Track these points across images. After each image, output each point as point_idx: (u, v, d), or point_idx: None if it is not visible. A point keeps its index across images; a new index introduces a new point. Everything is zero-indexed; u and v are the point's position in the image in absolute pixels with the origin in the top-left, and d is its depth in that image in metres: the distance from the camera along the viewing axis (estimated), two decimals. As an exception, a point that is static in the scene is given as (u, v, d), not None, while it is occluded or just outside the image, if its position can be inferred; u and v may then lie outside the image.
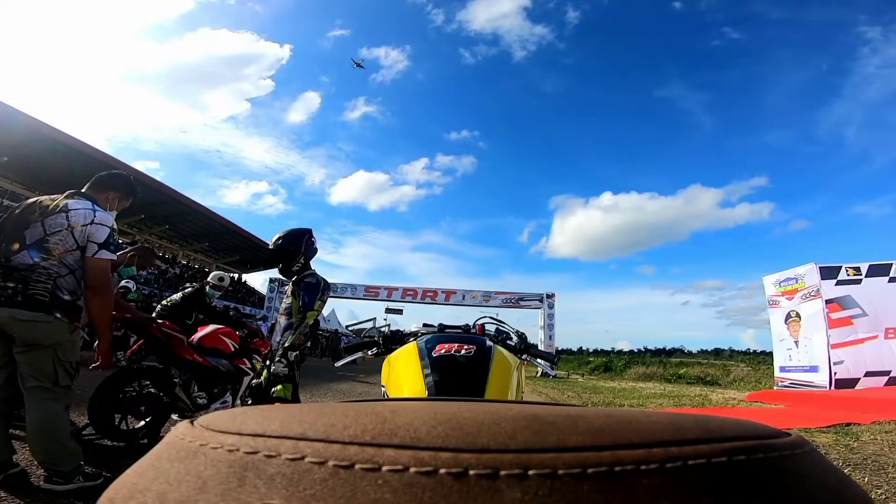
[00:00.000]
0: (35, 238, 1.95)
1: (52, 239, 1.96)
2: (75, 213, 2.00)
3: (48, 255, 1.94)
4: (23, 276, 1.90)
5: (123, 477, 0.21)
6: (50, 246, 1.95)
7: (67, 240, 1.97)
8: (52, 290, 1.93)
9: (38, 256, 1.93)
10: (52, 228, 1.97)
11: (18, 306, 1.88)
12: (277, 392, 2.44)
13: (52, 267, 1.94)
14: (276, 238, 2.67)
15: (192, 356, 3.07)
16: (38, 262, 1.93)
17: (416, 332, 1.25)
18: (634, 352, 77.03)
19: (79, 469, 1.97)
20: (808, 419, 5.17)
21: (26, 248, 1.94)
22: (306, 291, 2.54)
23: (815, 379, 9.53)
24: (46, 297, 1.92)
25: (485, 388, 0.88)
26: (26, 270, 1.91)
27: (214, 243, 25.13)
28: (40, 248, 1.94)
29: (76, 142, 14.56)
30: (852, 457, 3.27)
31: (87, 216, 2.02)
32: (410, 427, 0.20)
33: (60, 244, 1.96)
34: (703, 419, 0.21)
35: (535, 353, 1.30)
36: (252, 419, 0.22)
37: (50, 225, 1.97)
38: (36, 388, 1.90)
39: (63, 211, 2.00)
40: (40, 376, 1.91)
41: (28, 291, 1.90)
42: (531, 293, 22.95)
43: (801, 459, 0.20)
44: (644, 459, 0.18)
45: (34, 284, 1.91)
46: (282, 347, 2.45)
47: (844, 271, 9.74)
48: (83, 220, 2.00)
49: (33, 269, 1.92)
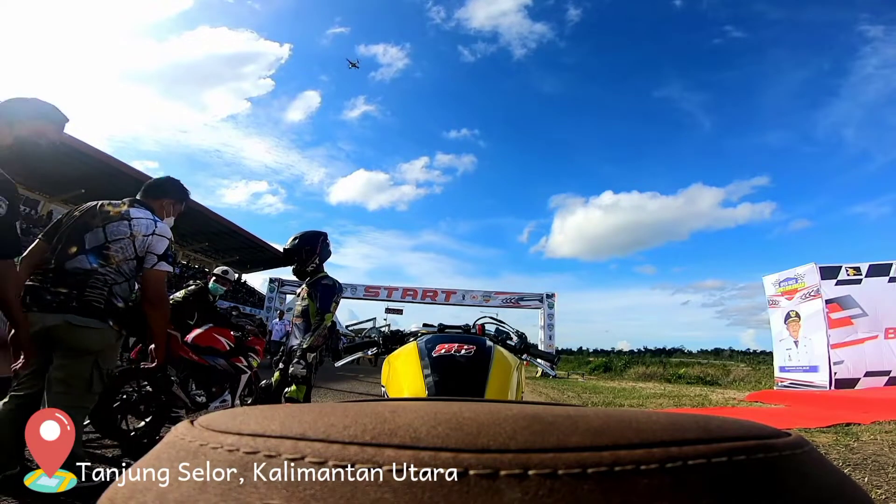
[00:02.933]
0: (95, 244, 1.93)
1: (114, 246, 1.95)
2: (138, 223, 2.01)
3: (106, 262, 1.93)
4: (78, 282, 1.87)
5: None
6: (110, 253, 1.94)
7: (128, 248, 1.97)
8: (107, 296, 1.91)
9: (97, 262, 1.91)
10: (114, 236, 1.96)
11: (73, 311, 1.84)
12: (290, 393, 2.43)
13: (108, 274, 1.92)
14: (293, 239, 2.69)
15: (189, 354, 3.08)
16: (95, 267, 1.91)
17: (416, 332, 1.25)
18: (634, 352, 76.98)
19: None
20: (808, 419, 5.17)
21: (84, 252, 1.92)
22: (323, 293, 2.55)
23: (815, 379, 9.53)
24: (102, 303, 1.89)
25: (485, 388, 0.87)
26: (82, 275, 1.88)
27: (214, 243, 25.13)
28: (99, 255, 1.93)
29: (76, 141, 14.55)
30: (852, 457, 3.27)
31: (148, 226, 2.02)
32: (410, 427, 0.20)
33: (120, 252, 1.95)
34: (703, 419, 0.21)
35: (535, 353, 1.30)
36: (252, 419, 0.22)
37: (112, 232, 1.96)
38: (63, 395, 1.85)
39: (125, 219, 2.00)
40: (74, 381, 1.87)
41: (84, 297, 1.86)
42: (531, 293, 22.95)
43: (801, 459, 0.20)
44: (644, 459, 0.18)
45: (90, 290, 1.88)
46: (300, 349, 2.45)
47: (844, 271, 9.74)
48: (145, 231, 2.01)
49: (90, 274, 1.89)
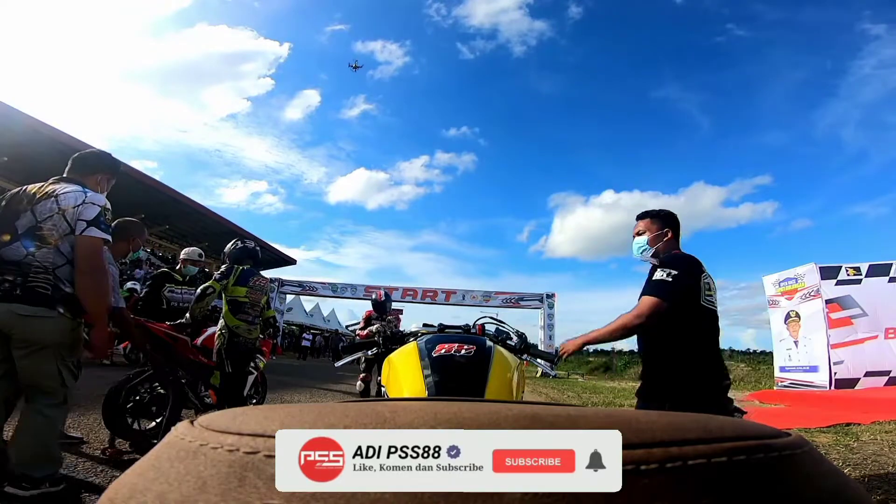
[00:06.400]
0: (26, 227, 1.83)
1: (45, 225, 1.83)
2: (65, 197, 1.89)
3: (43, 242, 1.82)
4: (19, 269, 1.77)
5: (123, 477, 0.21)
6: (44, 233, 1.83)
7: (60, 224, 1.84)
8: (53, 281, 1.80)
9: (33, 246, 1.81)
10: (43, 214, 1.84)
11: (18, 300, 1.74)
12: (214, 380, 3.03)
13: (48, 257, 1.82)
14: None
15: (197, 357, 3.12)
16: (32, 251, 1.80)
17: (416, 332, 1.25)
18: (634, 352, 76.94)
19: (51, 475, 1.84)
20: (808, 419, 5.17)
21: (18, 238, 1.81)
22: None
23: (815, 379, 9.53)
24: (48, 289, 1.79)
25: (485, 387, 0.87)
26: (22, 262, 1.78)
27: (214, 243, 25.12)
28: (33, 237, 1.82)
29: (76, 141, 14.53)
30: (852, 457, 3.27)
31: (77, 197, 1.90)
32: (410, 427, 0.20)
33: (54, 229, 1.83)
34: (703, 419, 0.21)
35: (535, 353, 1.30)
36: (252, 419, 0.22)
37: (40, 211, 1.84)
38: (44, 395, 1.80)
39: (52, 196, 1.88)
40: (45, 381, 1.80)
41: (28, 284, 1.76)
42: (531, 293, 22.96)
43: (801, 459, 0.20)
44: (644, 459, 0.18)
45: (34, 276, 1.77)
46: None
47: (844, 271, 9.74)
48: (74, 202, 1.88)
49: (28, 260, 1.79)
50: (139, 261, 14.13)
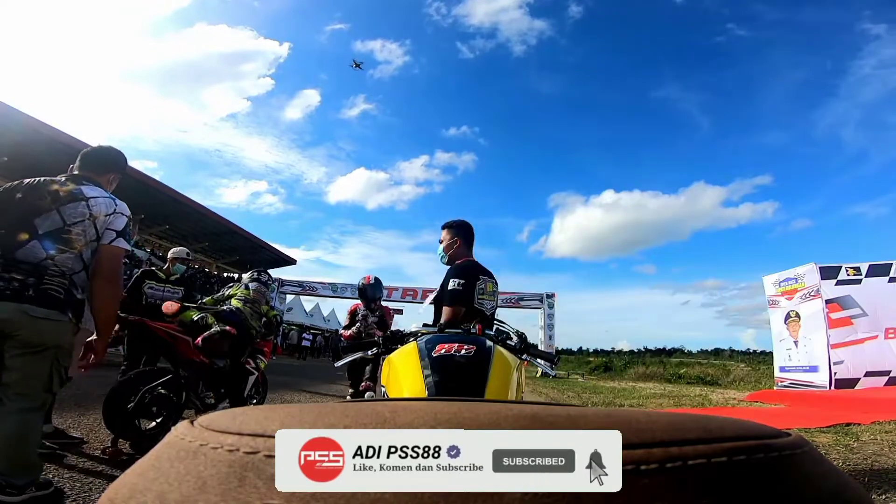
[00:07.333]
0: (51, 228, 1.74)
1: (74, 230, 1.76)
2: (96, 202, 1.83)
3: (68, 247, 1.75)
4: (35, 269, 1.70)
5: (123, 477, 0.21)
6: (72, 237, 1.76)
7: (89, 230, 1.79)
8: (67, 286, 1.74)
9: (54, 249, 1.73)
10: (73, 218, 1.77)
11: (30, 301, 1.67)
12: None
13: (67, 261, 1.75)
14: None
15: (198, 357, 3.12)
16: (53, 254, 1.72)
17: (416, 332, 1.25)
18: (634, 352, 76.92)
19: (33, 481, 1.77)
20: (808, 419, 5.17)
21: (38, 238, 1.72)
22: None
23: (815, 379, 9.53)
24: (62, 293, 1.72)
25: (485, 387, 0.87)
26: (38, 265, 1.70)
27: (214, 243, 25.10)
28: (58, 240, 1.74)
29: (76, 141, 14.53)
30: (852, 457, 3.27)
31: (108, 205, 1.86)
32: (410, 427, 0.20)
33: (82, 235, 1.77)
34: (703, 419, 0.21)
35: (535, 353, 1.30)
36: (252, 419, 0.22)
37: (70, 214, 1.77)
38: (21, 397, 1.69)
39: (80, 199, 1.82)
40: (32, 383, 1.71)
41: (42, 286, 1.69)
42: (531, 293, 22.94)
43: (801, 459, 0.20)
44: (644, 459, 0.18)
45: (49, 279, 1.70)
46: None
47: (844, 271, 9.74)
48: (106, 210, 1.84)
49: (46, 263, 1.71)
50: (139, 261, 14.13)
